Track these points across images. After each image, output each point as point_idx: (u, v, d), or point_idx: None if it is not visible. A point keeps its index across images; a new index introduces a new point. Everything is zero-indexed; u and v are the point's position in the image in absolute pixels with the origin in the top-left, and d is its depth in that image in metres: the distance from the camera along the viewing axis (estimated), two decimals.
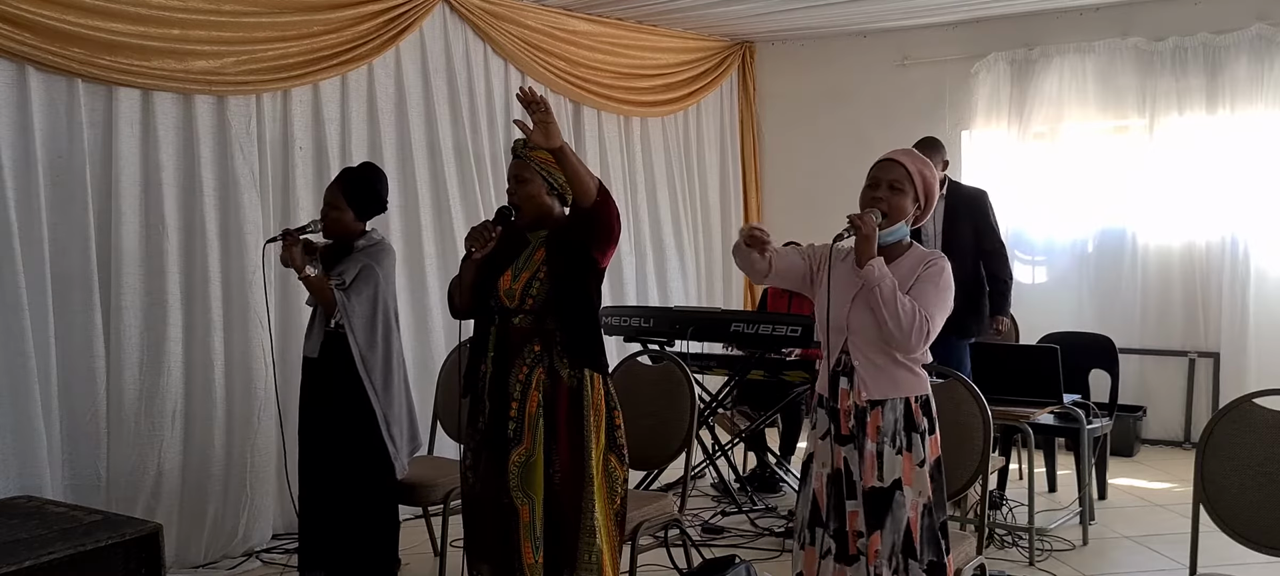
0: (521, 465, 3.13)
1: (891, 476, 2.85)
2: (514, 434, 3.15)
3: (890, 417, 2.86)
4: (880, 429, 2.86)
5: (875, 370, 2.86)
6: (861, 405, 2.87)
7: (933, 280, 2.85)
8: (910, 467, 2.85)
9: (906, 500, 2.84)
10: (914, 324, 2.76)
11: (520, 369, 3.16)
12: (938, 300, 2.83)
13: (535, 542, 3.11)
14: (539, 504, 3.12)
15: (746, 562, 3.81)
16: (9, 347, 4.05)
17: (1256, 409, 3.01)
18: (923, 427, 2.88)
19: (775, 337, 5.10)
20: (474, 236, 3.13)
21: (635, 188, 7.09)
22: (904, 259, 2.92)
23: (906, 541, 2.83)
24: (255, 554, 4.81)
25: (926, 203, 2.95)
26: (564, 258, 3.14)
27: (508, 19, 6.05)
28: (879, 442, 2.85)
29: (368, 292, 3.95)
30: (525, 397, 3.14)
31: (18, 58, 4.09)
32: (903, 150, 3.00)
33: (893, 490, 2.85)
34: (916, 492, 2.85)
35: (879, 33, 7.42)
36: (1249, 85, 6.30)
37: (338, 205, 4.02)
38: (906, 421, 2.86)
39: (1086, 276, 6.86)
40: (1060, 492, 5.57)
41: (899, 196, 2.89)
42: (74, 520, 3.25)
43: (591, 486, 3.14)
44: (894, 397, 2.86)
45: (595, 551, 3.13)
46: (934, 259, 2.91)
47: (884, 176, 2.91)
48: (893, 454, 2.85)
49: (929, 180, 2.94)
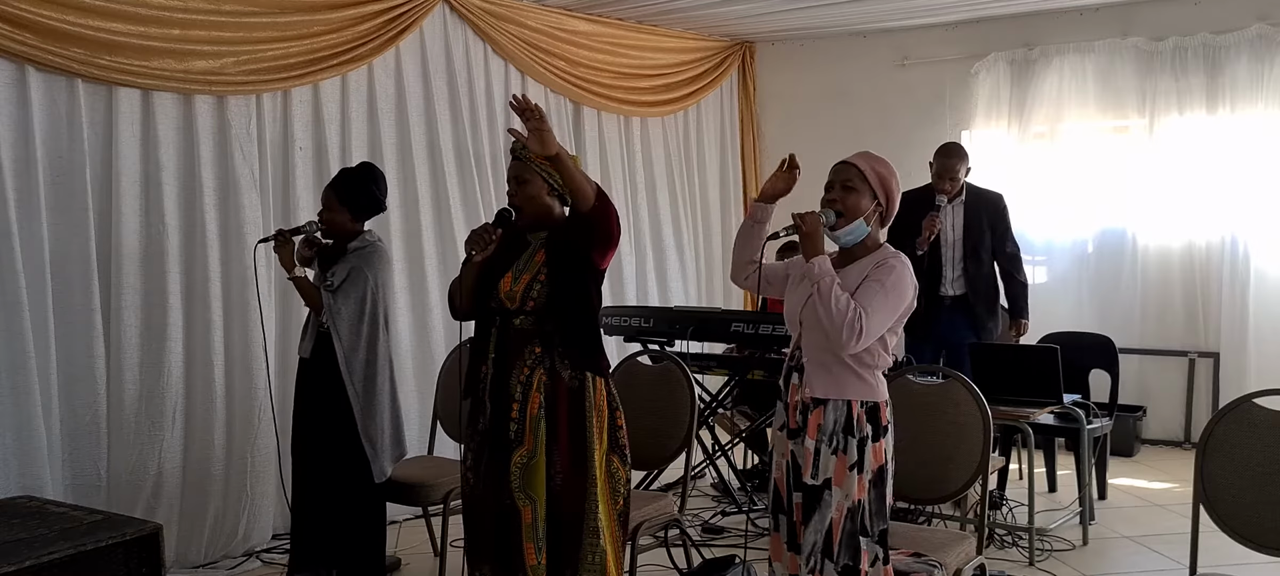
0: (523, 466, 3.13)
1: (824, 475, 2.86)
2: (515, 435, 3.15)
3: (831, 418, 2.87)
4: (820, 427, 2.87)
5: (820, 369, 2.89)
6: (806, 401, 2.90)
7: (880, 280, 2.85)
8: (842, 470, 2.85)
9: (833, 501, 2.85)
10: (846, 319, 2.76)
11: (521, 370, 3.16)
12: (882, 301, 2.82)
13: (537, 543, 3.11)
14: (541, 505, 3.12)
15: (746, 562, 3.81)
16: (9, 347, 4.05)
17: (1256, 409, 3.01)
18: (864, 433, 2.87)
19: (775, 337, 5.10)
20: (474, 239, 3.13)
21: (635, 188, 7.09)
22: (866, 259, 2.93)
23: (826, 541, 2.85)
24: (255, 554, 4.81)
25: (887, 200, 2.96)
26: (563, 259, 3.14)
27: (508, 19, 6.05)
28: (817, 440, 2.87)
29: (356, 295, 3.95)
30: (526, 399, 3.14)
31: (18, 58, 4.09)
32: (859, 152, 3.02)
33: (822, 489, 2.86)
34: (844, 494, 2.85)
35: (879, 33, 7.42)
36: (1249, 85, 6.30)
37: (331, 206, 4.05)
38: (846, 424, 2.87)
39: (1086, 276, 6.86)
40: (1060, 492, 5.57)
41: (852, 194, 2.91)
42: (74, 520, 3.25)
43: (594, 487, 3.14)
44: (836, 398, 2.87)
45: (599, 552, 3.13)
46: (889, 260, 2.91)
47: (837, 177, 2.96)
48: (828, 453, 2.86)
49: (883, 176, 2.94)
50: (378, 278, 4.03)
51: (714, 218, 7.77)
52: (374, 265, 4.02)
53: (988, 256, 5.21)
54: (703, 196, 7.68)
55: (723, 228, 7.83)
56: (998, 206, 5.29)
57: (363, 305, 3.98)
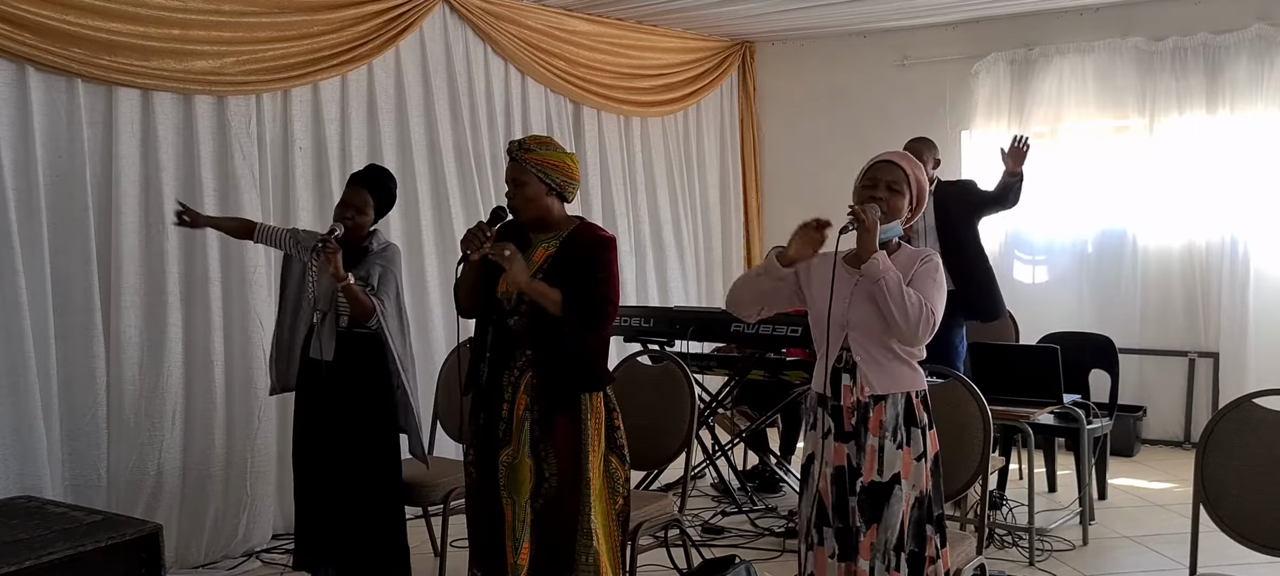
0: (508, 466, 3.15)
1: (891, 471, 2.87)
2: (503, 435, 3.16)
3: (891, 412, 2.88)
4: (882, 424, 2.88)
5: (877, 365, 2.89)
6: (864, 400, 2.89)
7: (930, 275, 2.89)
8: (909, 462, 2.88)
9: (902, 495, 2.86)
10: (921, 316, 2.79)
11: (511, 371, 3.16)
12: (937, 293, 2.87)
13: (515, 543, 3.11)
14: (521, 504, 3.11)
15: (746, 562, 3.80)
16: (9, 347, 4.05)
17: (1256, 409, 3.02)
18: (923, 422, 2.91)
19: (775, 337, 5.10)
20: (469, 238, 3.12)
21: (635, 188, 7.08)
22: (897, 256, 2.94)
23: (899, 536, 2.86)
24: (255, 554, 4.81)
25: (918, 205, 3.00)
26: (566, 274, 3.13)
27: (508, 19, 6.05)
28: (880, 437, 2.87)
29: (393, 294, 3.98)
30: (514, 399, 3.15)
31: (18, 58, 4.09)
32: (899, 153, 3.04)
33: (891, 485, 2.86)
34: (911, 486, 2.87)
35: (879, 33, 7.42)
36: (1249, 85, 6.30)
37: (365, 210, 3.98)
38: (907, 416, 2.89)
39: (1086, 276, 6.86)
40: (1060, 492, 5.57)
41: (896, 197, 2.93)
42: (74, 520, 3.25)
43: (588, 489, 3.13)
44: (895, 393, 2.89)
45: (592, 553, 3.12)
46: (928, 255, 2.95)
47: (883, 176, 2.94)
48: (893, 448, 2.87)
49: (922, 183, 3.00)
50: (401, 276, 4.07)
51: (714, 218, 7.76)
52: (398, 265, 4.04)
53: (968, 242, 5.19)
54: (703, 196, 7.68)
55: (722, 228, 7.83)
56: (967, 189, 5.35)
57: (399, 305, 4.01)
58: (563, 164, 3.21)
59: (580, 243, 3.18)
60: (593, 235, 3.21)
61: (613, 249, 3.20)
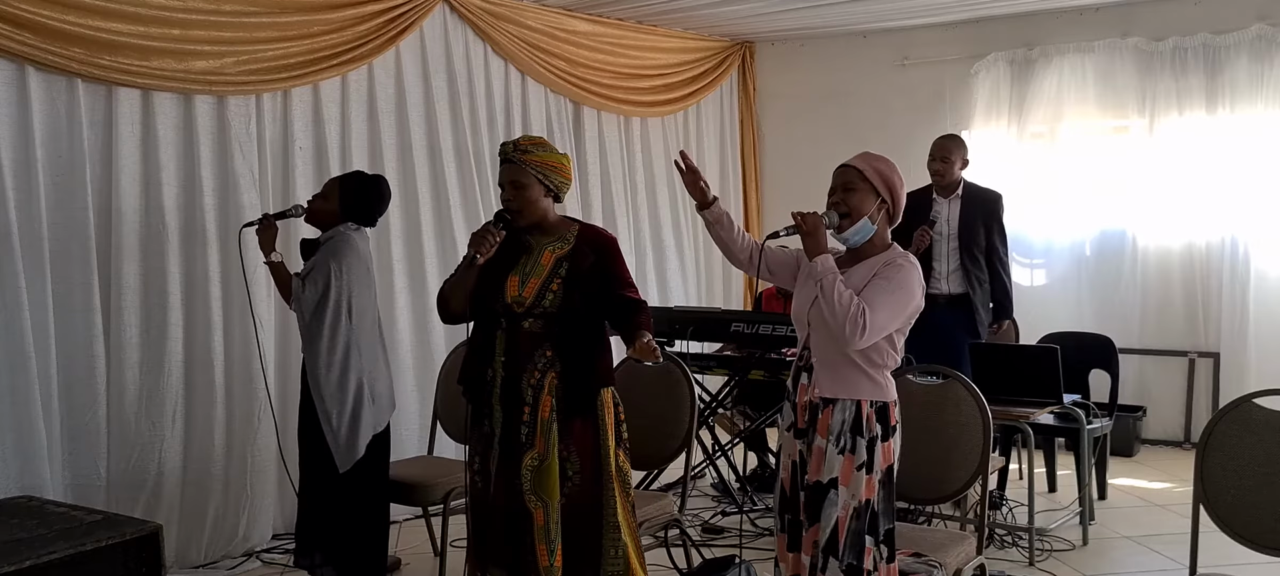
0: (534, 469, 3.14)
1: (830, 474, 2.87)
2: (526, 438, 3.15)
3: (839, 417, 2.88)
4: (829, 426, 2.88)
5: (829, 369, 2.89)
6: (815, 401, 2.90)
7: (887, 277, 2.87)
8: (849, 469, 2.86)
9: (839, 499, 2.85)
10: (849, 314, 2.76)
11: (531, 373, 3.16)
12: (887, 299, 2.82)
13: (550, 545, 3.12)
14: (554, 506, 3.12)
15: (746, 562, 3.80)
16: (9, 347, 4.05)
17: (1256, 409, 3.02)
18: (873, 433, 2.87)
19: (775, 338, 5.10)
20: (478, 240, 3.13)
21: (635, 188, 7.08)
22: (875, 259, 2.94)
23: (830, 540, 2.85)
24: (255, 554, 4.81)
25: (892, 196, 2.96)
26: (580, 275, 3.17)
27: (508, 19, 6.05)
28: (826, 439, 2.88)
29: (320, 282, 3.93)
30: (537, 402, 3.15)
31: (18, 58, 4.09)
32: (858, 154, 3.03)
33: (828, 487, 2.87)
34: (850, 494, 2.86)
35: (879, 33, 7.42)
36: (1249, 85, 6.30)
37: (327, 196, 4.08)
38: (854, 424, 2.87)
39: (1086, 276, 6.86)
40: (1060, 492, 5.57)
41: (853, 194, 2.92)
42: (74, 520, 3.25)
43: (612, 484, 3.18)
44: (845, 398, 2.88)
45: (621, 547, 3.17)
46: (897, 259, 2.93)
47: (838, 180, 2.97)
48: (835, 453, 2.87)
49: (885, 173, 2.95)
50: (344, 266, 3.96)
51: None
52: (340, 254, 3.97)
53: (985, 253, 5.22)
54: None
55: None
56: (993, 205, 5.30)
57: (326, 293, 3.92)
58: (559, 164, 3.24)
59: (594, 244, 3.24)
60: (603, 236, 3.31)
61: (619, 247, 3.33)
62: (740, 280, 7.86)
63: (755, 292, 6.64)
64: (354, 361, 3.99)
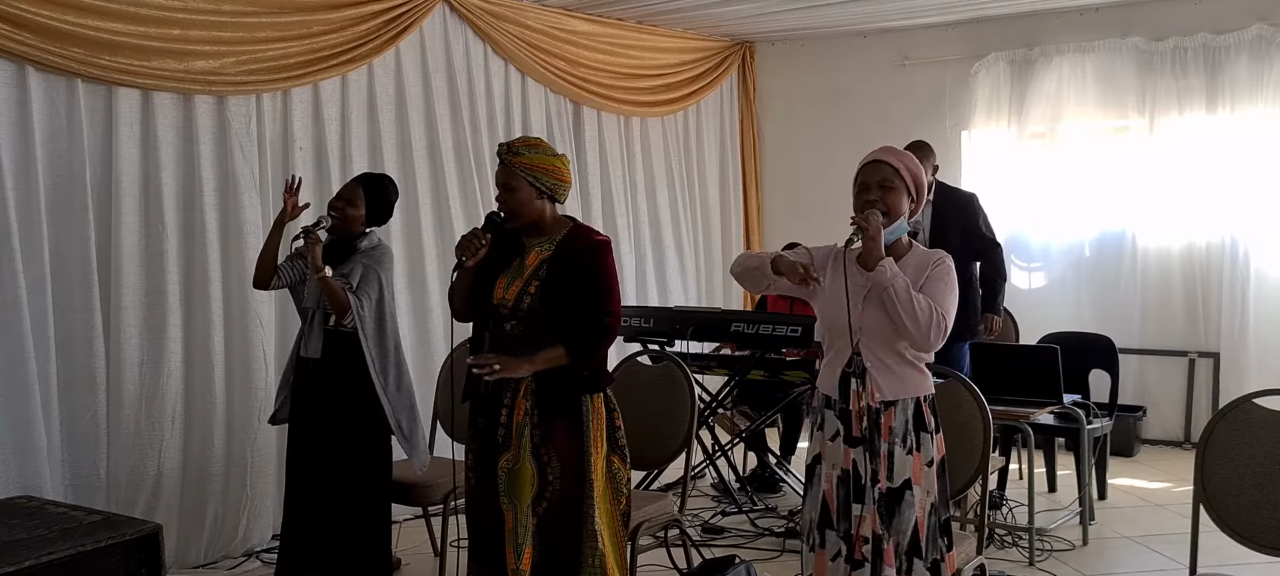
0: (507, 471, 3.13)
1: (901, 476, 2.86)
2: (502, 440, 3.15)
3: (901, 418, 2.88)
4: (892, 429, 2.87)
5: (887, 371, 2.88)
6: (875, 406, 2.88)
7: (942, 278, 2.88)
8: (920, 467, 2.87)
9: (915, 499, 2.86)
10: (932, 321, 2.78)
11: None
12: (948, 296, 2.86)
13: (517, 548, 3.10)
14: (523, 509, 3.10)
15: (746, 562, 3.81)
16: (9, 347, 4.05)
17: (1257, 409, 3.02)
18: (931, 427, 2.91)
19: (775, 337, 5.10)
20: (464, 245, 3.11)
21: (635, 188, 7.08)
22: (909, 258, 2.93)
23: (912, 541, 2.85)
24: (255, 554, 4.81)
25: (918, 196, 2.97)
26: (562, 279, 3.12)
27: (508, 19, 6.05)
28: (891, 442, 2.87)
29: (374, 295, 3.99)
30: (514, 404, 3.14)
31: (18, 58, 4.09)
32: (885, 148, 3.00)
33: (903, 490, 2.86)
34: (924, 492, 2.87)
35: (879, 33, 7.42)
36: (1249, 85, 6.30)
37: (356, 203, 4.09)
38: (917, 421, 2.89)
39: (1086, 276, 6.86)
40: (1060, 492, 5.57)
41: (892, 194, 2.90)
42: (74, 520, 3.25)
43: (592, 491, 3.13)
44: (905, 398, 2.88)
45: (598, 555, 3.12)
46: (940, 257, 2.94)
47: (873, 178, 2.92)
48: (903, 454, 2.87)
49: (917, 173, 2.95)
50: (389, 275, 4.08)
51: (714, 218, 7.76)
52: (385, 265, 4.07)
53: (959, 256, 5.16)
54: (703, 196, 7.68)
55: (722, 228, 7.83)
56: (967, 204, 5.30)
57: (381, 305, 4.01)
58: (552, 166, 3.17)
59: (575, 247, 3.16)
60: (588, 240, 3.19)
61: (609, 253, 3.19)
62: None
63: None
64: (404, 365, 4.11)
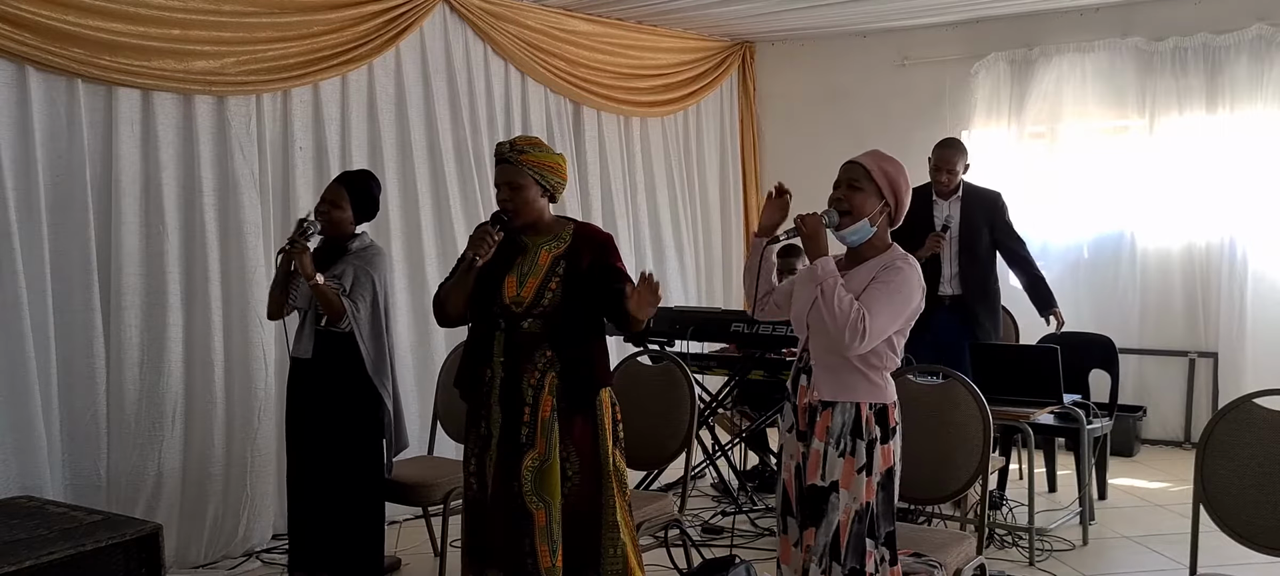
0: (535, 470, 3.13)
1: (830, 477, 2.85)
2: (526, 438, 3.14)
3: (839, 420, 2.86)
4: (828, 429, 2.86)
5: (828, 371, 2.88)
6: (814, 404, 2.89)
7: (886, 281, 2.84)
8: (850, 472, 2.84)
9: (840, 503, 2.84)
10: (849, 320, 2.73)
11: (531, 374, 3.15)
12: (886, 303, 2.80)
13: (552, 545, 3.11)
14: (556, 506, 3.12)
15: (746, 562, 3.80)
16: (9, 347, 4.05)
17: (1257, 409, 3.01)
18: (873, 436, 2.85)
19: (775, 338, 5.10)
20: (477, 241, 3.13)
21: (635, 188, 7.08)
22: (874, 260, 2.91)
23: (834, 543, 2.84)
24: (255, 554, 4.81)
25: (895, 198, 2.92)
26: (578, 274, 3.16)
27: (508, 19, 6.05)
28: (825, 442, 2.86)
29: (369, 298, 3.99)
30: (537, 402, 3.14)
31: (18, 58, 4.09)
32: (868, 151, 2.99)
33: (829, 491, 2.85)
34: (851, 497, 2.84)
35: (879, 33, 7.42)
36: (1249, 85, 6.30)
37: (340, 204, 4.07)
38: (854, 427, 2.85)
39: (1086, 276, 6.86)
40: (1060, 492, 5.57)
41: (857, 194, 2.88)
42: (74, 520, 3.25)
43: (611, 483, 3.18)
44: (844, 401, 2.86)
45: (620, 546, 3.17)
46: (897, 262, 2.89)
47: (844, 176, 2.94)
48: (835, 455, 2.85)
49: (891, 175, 2.91)
50: (383, 277, 4.08)
51: (714, 218, 7.76)
52: (378, 267, 4.07)
53: (985, 255, 5.20)
54: (703, 196, 7.68)
55: (722, 227, 7.83)
56: (995, 204, 5.27)
57: (375, 307, 4.02)
58: (555, 164, 3.24)
59: (589, 242, 3.24)
60: (600, 234, 3.31)
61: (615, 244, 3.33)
62: (740, 280, 7.86)
63: None
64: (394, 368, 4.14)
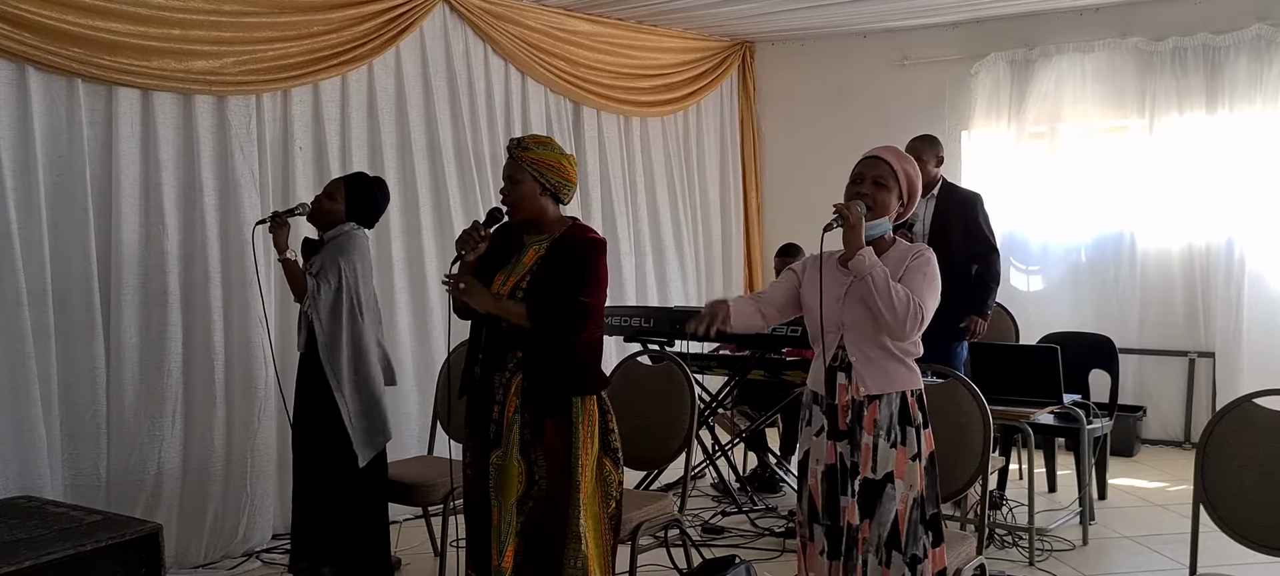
0: (497, 468, 3.13)
1: (884, 469, 2.88)
2: (494, 436, 3.15)
3: (886, 412, 2.89)
4: (876, 422, 2.88)
5: (871, 364, 2.89)
6: (859, 399, 2.89)
7: (920, 270, 2.88)
8: (903, 461, 2.88)
9: (896, 493, 2.87)
10: (908, 310, 2.78)
11: (502, 373, 3.15)
12: (927, 288, 2.86)
13: (500, 545, 3.10)
14: (507, 507, 3.10)
15: (746, 562, 3.80)
16: (9, 347, 4.05)
17: (1257, 409, 3.02)
18: (917, 422, 2.91)
19: (775, 337, 5.10)
20: (464, 239, 3.12)
21: (635, 188, 7.09)
22: (891, 252, 2.94)
23: (892, 534, 2.86)
24: (255, 554, 4.81)
25: (909, 199, 2.97)
26: (552, 275, 3.11)
27: (508, 19, 6.05)
28: (875, 436, 2.88)
29: (332, 281, 3.98)
30: (505, 401, 3.13)
31: (18, 58, 4.09)
32: (887, 148, 3.02)
33: (884, 482, 2.87)
34: (907, 486, 2.88)
35: (879, 33, 7.42)
36: (1249, 86, 6.30)
37: (334, 197, 4.11)
38: (902, 415, 2.89)
39: (1086, 276, 6.86)
40: (1060, 492, 5.57)
41: (882, 192, 2.91)
42: (74, 520, 3.25)
43: (578, 493, 3.11)
44: (890, 392, 2.89)
45: (581, 557, 3.10)
46: (920, 250, 2.94)
47: (869, 172, 2.94)
48: (887, 447, 2.88)
49: (912, 177, 2.96)
50: (352, 263, 4.03)
51: (714, 217, 7.76)
52: (347, 251, 4.03)
53: (961, 255, 5.12)
54: (703, 196, 7.68)
55: (722, 228, 7.83)
56: (971, 204, 5.21)
57: (339, 292, 3.98)
58: (559, 164, 3.17)
59: (569, 244, 3.16)
60: (582, 237, 3.18)
61: (600, 250, 3.17)
62: (740, 280, 7.86)
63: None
64: (365, 355, 4.06)
